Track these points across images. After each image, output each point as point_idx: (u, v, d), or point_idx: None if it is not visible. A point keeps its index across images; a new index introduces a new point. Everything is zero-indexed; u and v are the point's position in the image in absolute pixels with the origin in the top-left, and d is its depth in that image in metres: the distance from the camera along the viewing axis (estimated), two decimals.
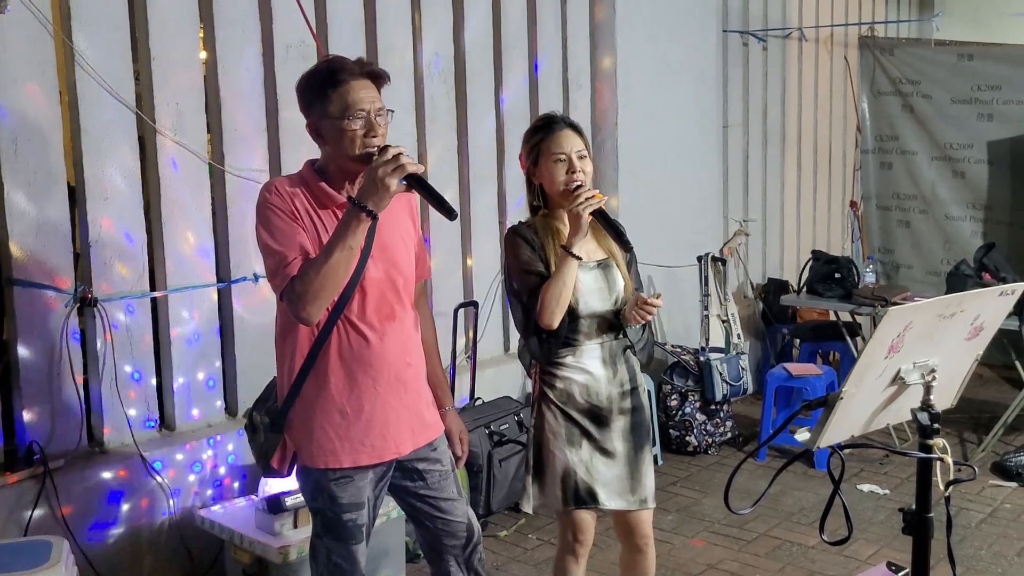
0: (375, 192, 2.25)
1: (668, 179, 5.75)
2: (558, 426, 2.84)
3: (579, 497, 2.82)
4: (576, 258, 2.73)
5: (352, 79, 2.39)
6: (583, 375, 2.84)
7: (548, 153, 2.78)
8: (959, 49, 7.04)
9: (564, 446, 2.82)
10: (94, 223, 3.51)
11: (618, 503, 2.86)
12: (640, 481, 2.88)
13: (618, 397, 2.87)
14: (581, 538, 2.90)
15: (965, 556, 4.03)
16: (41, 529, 3.25)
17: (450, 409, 2.79)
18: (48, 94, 3.34)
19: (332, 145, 2.42)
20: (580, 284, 2.78)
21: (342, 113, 2.37)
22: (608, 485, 2.84)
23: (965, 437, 5.50)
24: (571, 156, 2.76)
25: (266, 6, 3.95)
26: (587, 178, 2.78)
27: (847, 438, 2.03)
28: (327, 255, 2.28)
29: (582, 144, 2.80)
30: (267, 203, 2.40)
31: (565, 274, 2.72)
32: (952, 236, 7.25)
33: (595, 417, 2.85)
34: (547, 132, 2.81)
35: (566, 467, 2.82)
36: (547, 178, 2.80)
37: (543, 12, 5.16)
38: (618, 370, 2.88)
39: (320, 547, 2.55)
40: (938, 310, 1.91)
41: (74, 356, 3.45)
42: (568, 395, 2.84)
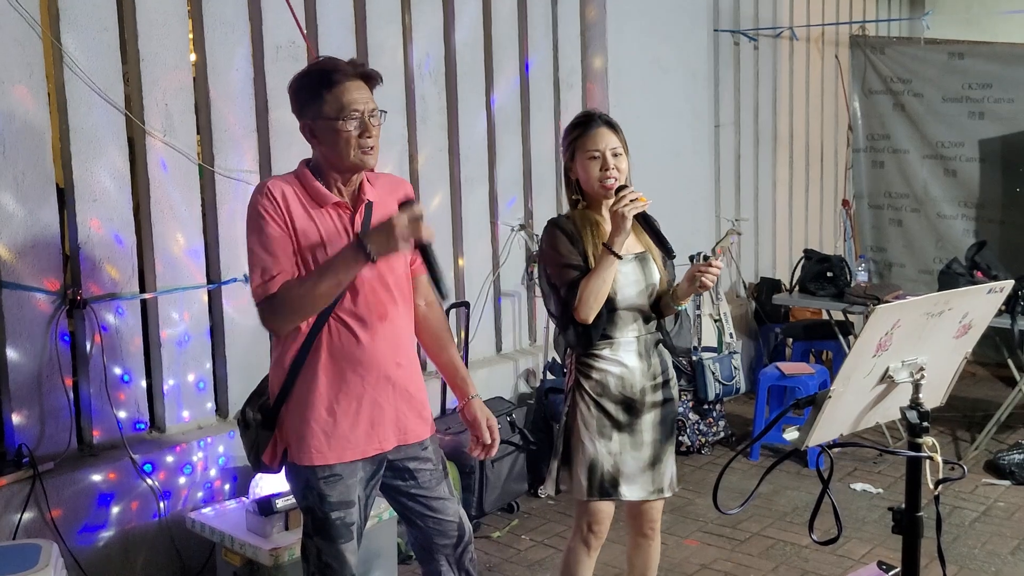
0: (384, 244, 2.28)
1: (659, 179, 5.73)
2: (590, 417, 2.89)
3: (604, 489, 2.89)
4: (618, 257, 2.78)
5: (346, 80, 2.40)
6: (619, 367, 2.90)
7: (584, 150, 2.84)
8: (950, 48, 7.05)
9: (595, 437, 2.89)
10: (83, 225, 3.49)
11: (638, 494, 2.93)
12: (661, 471, 2.96)
13: (651, 390, 2.94)
14: (596, 529, 2.95)
15: (959, 555, 4.03)
16: (30, 532, 3.24)
17: (475, 397, 2.76)
18: (36, 95, 3.33)
19: (327, 146, 2.42)
20: (619, 276, 2.84)
21: (337, 114, 2.37)
22: (632, 478, 2.91)
23: (958, 435, 5.50)
24: (605, 153, 2.82)
25: (256, 7, 3.94)
26: (622, 175, 2.85)
27: (836, 437, 2.03)
28: (316, 282, 2.32)
29: (618, 141, 2.85)
30: (260, 206, 2.40)
31: (605, 271, 2.79)
32: (944, 234, 7.27)
33: (628, 408, 2.91)
34: (584, 129, 2.86)
35: (594, 458, 2.88)
36: (583, 174, 2.87)
37: (534, 12, 5.15)
38: (652, 363, 2.95)
39: (311, 547, 2.55)
40: (926, 308, 1.91)
41: (63, 358, 3.44)
42: (604, 387, 2.89)
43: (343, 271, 2.31)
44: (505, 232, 5.07)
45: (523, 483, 4.54)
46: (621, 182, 2.85)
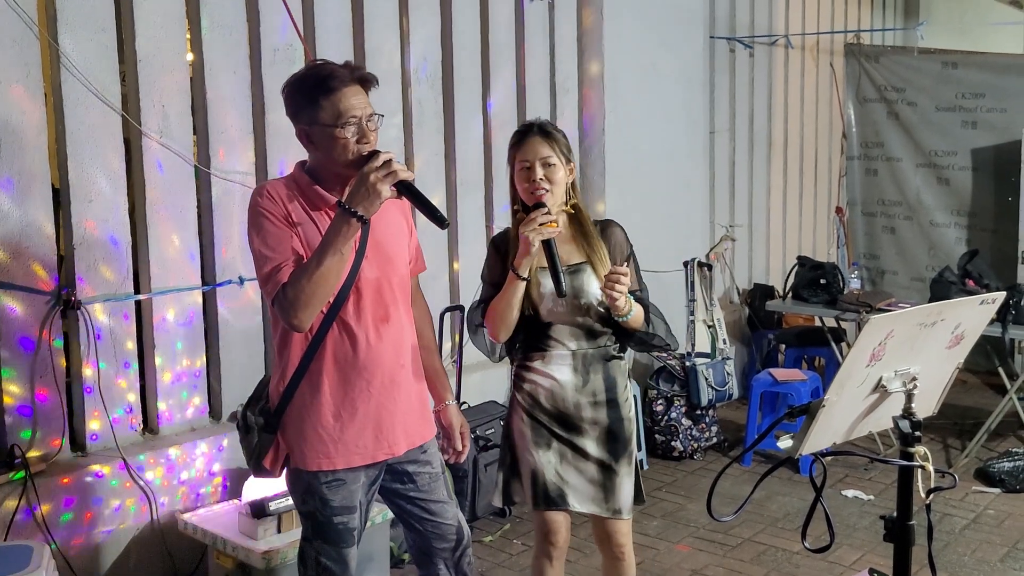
0: (365, 197, 2.24)
1: (655, 184, 5.77)
2: (524, 427, 2.85)
3: (549, 498, 2.83)
4: (522, 279, 2.70)
5: (343, 86, 2.37)
6: (549, 381, 2.83)
7: (518, 161, 2.78)
8: (943, 57, 7.10)
9: (532, 447, 2.83)
10: (78, 225, 3.49)
11: (590, 507, 2.85)
12: (614, 492, 2.85)
13: (589, 406, 2.84)
14: (553, 539, 2.89)
15: (949, 562, 4.05)
16: (22, 534, 3.23)
17: (450, 403, 2.79)
18: (33, 95, 3.33)
19: (324, 152, 2.40)
20: (543, 290, 2.75)
21: (334, 120, 2.35)
22: (579, 489, 2.84)
23: (949, 443, 5.53)
24: (535, 164, 2.73)
25: (253, 9, 3.94)
26: (557, 186, 2.74)
27: (829, 445, 2.04)
28: (318, 261, 2.28)
29: (550, 151, 2.73)
30: (259, 207, 2.39)
31: (509, 294, 2.71)
32: (937, 242, 7.30)
33: (564, 422, 2.83)
34: (518, 139, 2.80)
35: (534, 468, 2.83)
36: (518, 185, 2.80)
37: (531, 17, 5.17)
38: (590, 379, 2.83)
39: (309, 550, 2.54)
40: (919, 319, 1.92)
41: (57, 359, 3.43)
42: (534, 399, 2.84)
43: (340, 241, 2.26)
44: None
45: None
46: (556, 193, 2.75)
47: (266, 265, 2.35)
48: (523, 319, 2.79)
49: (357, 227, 2.27)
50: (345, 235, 2.26)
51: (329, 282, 2.31)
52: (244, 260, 3.88)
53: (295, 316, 2.31)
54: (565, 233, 2.82)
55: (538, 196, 2.72)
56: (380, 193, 2.24)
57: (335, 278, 2.32)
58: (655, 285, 5.66)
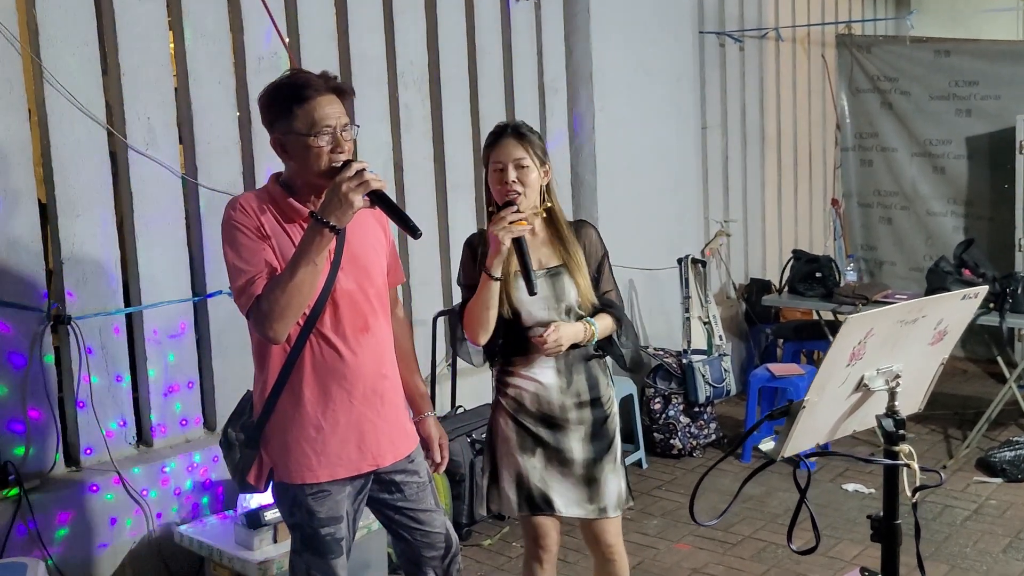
0: (338, 207, 2.23)
1: (647, 182, 5.76)
2: (509, 432, 2.83)
3: (534, 503, 2.81)
4: (495, 279, 2.69)
5: (317, 95, 2.36)
6: (533, 384, 2.81)
7: (492, 162, 2.76)
8: (936, 46, 7.07)
9: (516, 452, 2.81)
10: (66, 240, 3.49)
11: (575, 511, 2.84)
12: (599, 491, 2.84)
13: (574, 407, 2.83)
14: (542, 543, 2.88)
15: (950, 554, 4.03)
16: (17, 550, 3.23)
17: (429, 415, 2.78)
18: (16, 111, 3.32)
19: (298, 161, 2.40)
20: (522, 294, 2.73)
21: (308, 130, 2.34)
22: (564, 493, 2.82)
23: (950, 433, 5.50)
24: (507, 165, 2.71)
25: (236, 17, 3.93)
26: (530, 189, 2.72)
27: (813, 446, 2.03)
28: (292, 272, 2.27)
29: (523, 152, 2.71)
30: (232, 220, 2.38)
31: (484, 295, 2.70)
32: (934, 232, 7.28)
33: (549, 424, 2.82)
34: (492, 140, 2.79)
35: (519, 473, 2.81)
36: (491, 186, 2.78)
37: (517, 18, 5.15)
38: (574, 380, 2.83)
39: (299, 563, 2.54)
40: (899, 316, 1.91)
41: (48, 374, 3.43)
42: (519, 403, 2.83)
43: (314, 252, 2.25)
44: None
45: None
46: (530, 196, 2.73)
47: (240, 278, 2.34)
48: (503, 323, 2.78)
49: (330, 238, 2.26)
50: (318, 246, 2.25)
51: (303, 293, 2.29)
52: None
53: (270, 328, 2.30)
54: (541, 236, 2.82)
55: (510, 199, 2.70)
56: (352, 203, 2.23)
57: (309, 289, 2.31)
58: (649, 283, 5.71)
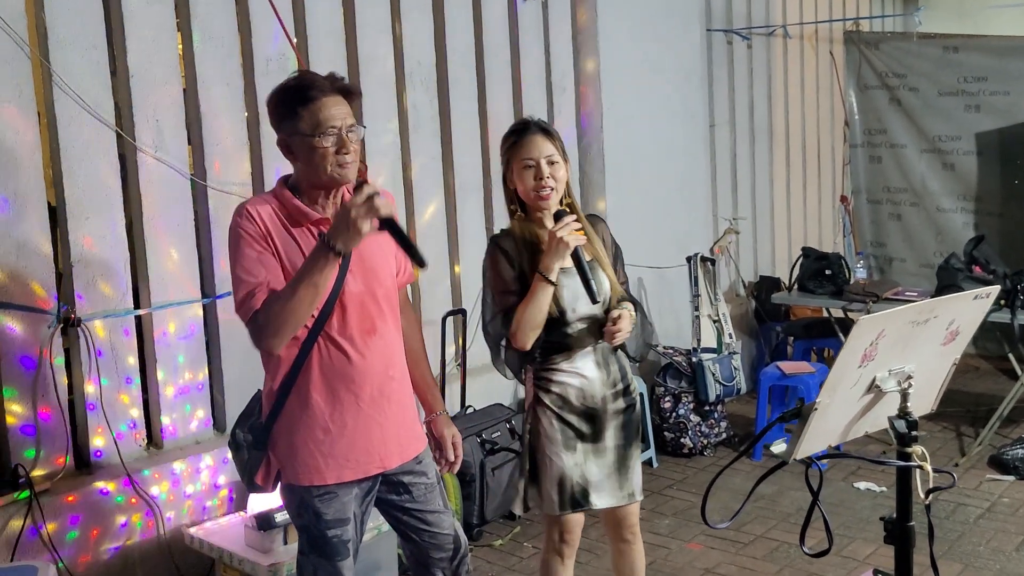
0: (345, 232, 2.23)
1: (655, 180, 5.74)
2: (554, 431, 2.85)
3: (575, 501, 2.86)
4: (551, 283, 2.71)
5: (323, 96, 2.36)
6: (578, 379, 2.85)
7: (519, 159, 2.78)
8: (944, 42, 7.04)
9: (560, 451, 2.84)
10: (76, 243, 3.49)
11: (608, 502, 2.90)
12: (628, 476, 2.92)
13: (611, 398, 2.90)
14: (568, 538, 2.92)
15: (963, 552, 4.01)
16: (28, 553, 3.24)
17: (441, 414, 2.78)
18: (26, 115, 3.33)
19: (303, 162, 2.40)
20: (566, 291, 2.78)
21: (313, 130, 2.34)
22: (599, 486, 2.87)
23: (962, 431, 5.48)
24: (540, 162, 2.75)
25: (245, 19, 3.93)
26: (559, 184, 2.78)
27: (825, 448, 2.02)
28: (292, 291, 2.27)
29: (553, 149, 2.77)
30: (238, 227, 2.39)
31: (539, 299, 2.72)
32: (944, 228, 7.25)
33: (590, 418, 2.87)
34: (518, 137, 2.81)
35: (563, 473, 2.83)
36: (519, 184, 2.81)
37: (525, 17, 5.14)
38: (611, 371, 2.90)
39: (307, 565, 2.54)
40: (911, 317, 1.89)
41: (59, 376, 3.44)
42: (564, 399, 2.85)
43: (317, 274, 2.26)
44: None
45: None
46: (559, 191, 2.78)
47: (241, 289, 2.35)
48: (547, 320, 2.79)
49: (335, 262, 2.26)
50: (321, 268, 2.26)
51: (301, 312, 2.30)
52: None
53: (266, 341, 2.33)
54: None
55: (544, 196, 2.75)
56: (360, 230, 2.22)
57: (308, 308, 2.31)
58: (658, 281, 5.70)
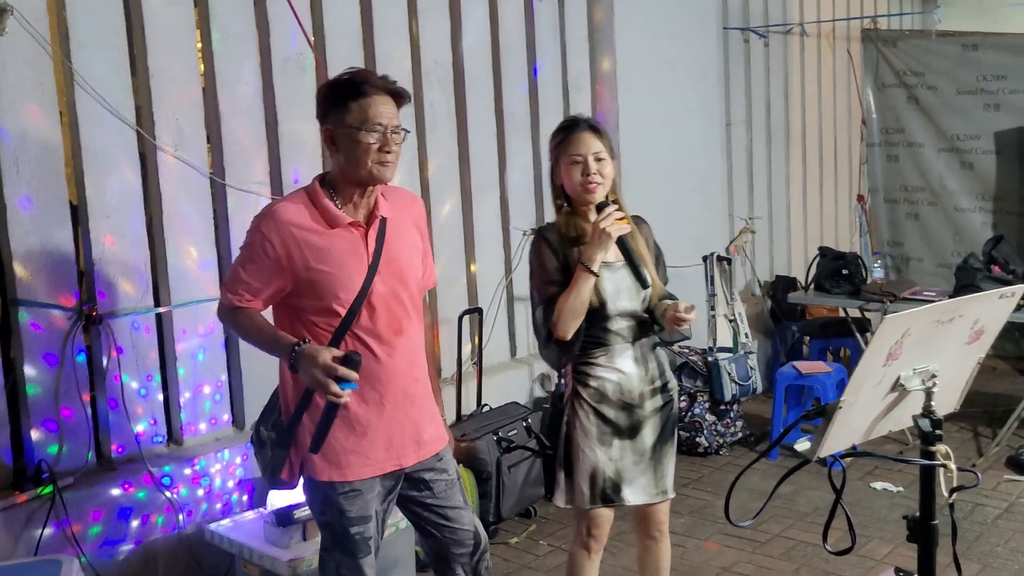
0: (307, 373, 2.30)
1: (671, 179, 5.74)
2: (590, 425, 2.88)
3: (605, 495, 2.88)
4: (593, 275, 2.76)
5: (374, 93, 2.41)
6: (616, 374, 2.88)
7: (567, 155, 2.83)
8: (963, 39, 7.00)
9: (595, 445, 2.87)
10: (97, 241, 3.52)
11: (641, 498, 2.92)
12: (663, 474, 2.95)
13: (649, 394, 2.92)
14: (596, 533, 2.94)
15: (982, 553, 4.00)
16: (51, 548, 3.26)
17: (442, 418, 2.79)
18: (48, 114, 3.35)
19: (345, 155, 2.43)
20: (608, 284, 2.82)
21: (360, 124, 2.39)
22: (634, 482, 2.90)
23: (979, 431, 5.46)
24: (588, 158, 2.80)
25: (263, 19, 3.95)
26: (607, 180, 2.83)
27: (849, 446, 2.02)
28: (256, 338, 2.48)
29: (601, 146, 2.82)
30: (259, 229, 2.44)
31: (581, 289, 2.77)
32: (962, 228, 7.21)
33: (628, 414, 2.89)
34: (567, 134, 2.86)
35: (595, 467, 2.86)
36: (566, 180, 2.86)
37: (541, 16, 5.15)
38: (649, 367, 2.93)
39: (329, 561, 2.56)
40: (936, 316, 1.89)
41: (80, 374, 3.46)
42: (602, 394, 2.88)
43: (275, 352, 2.43)
44: (516, 237, 5.07)
45: (540, 488, 4.51)
46: (606, 187, 2.83)
47: (235, 282, 2.48)
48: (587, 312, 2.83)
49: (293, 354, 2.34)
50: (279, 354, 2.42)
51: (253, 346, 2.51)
52: None
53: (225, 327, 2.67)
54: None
55: (590, 190, 2.80)
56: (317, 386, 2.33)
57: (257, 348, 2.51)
58: (674, 280, 5.64)
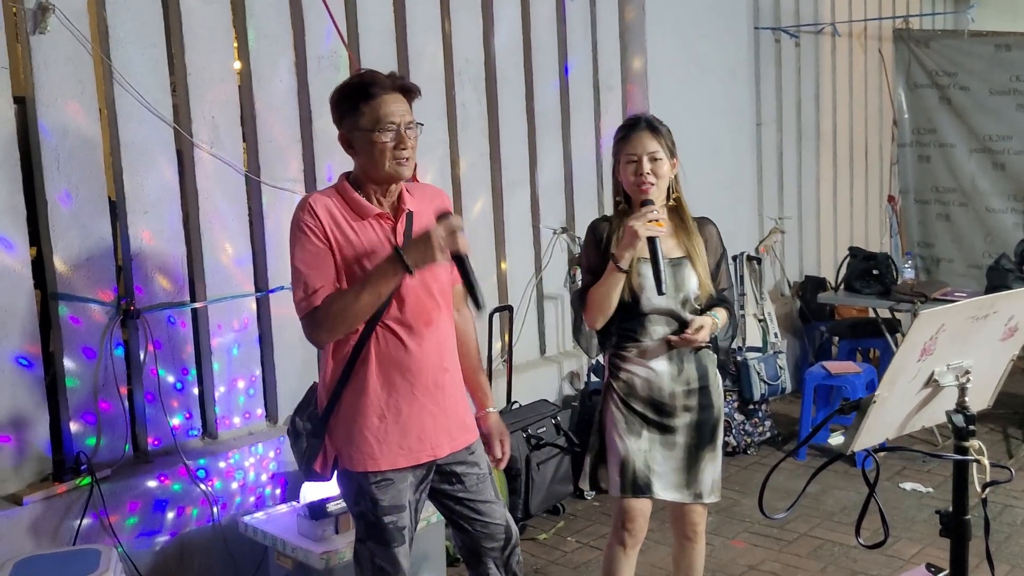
0: (421, 254, 2.34)
1: (701, 178, 5.69)
2: (619, 415, 2.92)
3: (636, 486, 2.90)
4: (622, 271, 2.79)
5: (384, 93, 2.45)
6: (645, 370, 2.90)
7: (624, 153, 2.88)
8: (996, 39, 6.93)
9: (625, 434, 2.90)
10: (135, 236, 3.57)
11: (673, 495, 2.93)
12: (696, 477, 2.94)
13: (683, 395, 2.92)
14: (631, 527, 2.95)
15: (1011, 554, 3.98)
16: (89, 538, 3.32)
17: (491, 411, 2.83)
18: (88, 111, 3.41)
19: (363, 156, 2.48)
20: (644, 281, 2.84)
21: (373, 126, 2.43)
22: (664, 476, 2.91)
23: (1009, 433, 5.42)
24: (642, 158, 2.83)
25: (298, 18, 4.00)
26: (662, 180, 2.86)
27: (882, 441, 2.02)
28: (356, 297, 2.38)
29: (657, 145, 2.85)
30: (300, 222, 2.45)
31: (608, 282, 2.82)
32: (993, 229, 7.15)
33: (658, 410, 2.91)
34: (625, 132, 2.90)
35: (625, 456, 2.89)
36: (624, 178, 2.90)
37: (572, 15, 5.17)
38: (684, 368, 2.93)
39: (363, 552, 2.60)
40: (970, 312, 1.89)
41: (118, 367, 3.52)
42: (630, 387, 2.91)
43: (383, 284, 2.37)
44: (547, 235, 5.09)
45: (568, 485, 4.55)
46: (661, 187, 2.87)
47: (302, 284, 2.44)
48: (621, 306, 2.87)
49: (402, 276, 2.36)
50: (388, 279, 2.37)
51: (359, 317, 2.42)
52: None
53: (318, 337, 2.46)
54: (667, 226, 2.91)
55: (644, 190, 2.83)
56: (435, 256, 2.34)
57: (367, 314, 2.42)
58: None
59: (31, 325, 3.31)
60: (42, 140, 3.31)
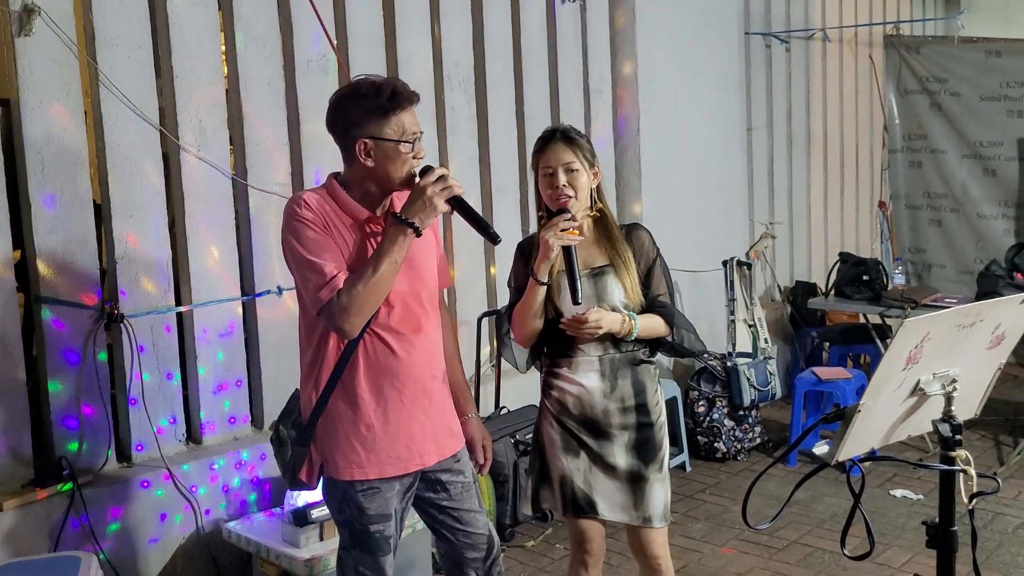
0: (422, 210, 2.33)
1: (692, 183, 5.73)
2: (555, 434, 2.83)
3: (578, 506, 2.81)
4: (541, 284, 2.71)
5: (409, 104, 2.43)
6: (576, 387, 2.81)
7: (540, 167, 2.78)
8: (987, 46, 6.96)
9: (561, 454, 2.81)
10: (120, 240, 3.55)
11: (619, 516, 2.82)
12: (643, 499, 2.80)
13: (617, 412, 2.81)
14: (586, 547, 2.87)
15: (1001, 563, 3.97)
16: (70, 544, 3.29)
17: (473, 416, 2.79)
18: (74, 114, 3.39)
19: (379, 165, 2.41)
20: (565, 293, 2.72)
21: (399, 136, 2.39)
22: (608, 497, 2.80)
23: (1000, 440, 5.42)
24: (557, 170, 2.73)
25: (286, 21, 3.98)
26: (580, 191, 2.74)
27: (867, 450, 2.01)
28: (375, 268, 2.33)
29: (572, 156, 2.73)
30: (297, 216, 2.41)
31: (530, 299, 2.74)
32: (984, 235, 7.17)
33: (592, 429, 2.81)
34: (541, 145, 2.80)
35: (563, 474, 2.81)
36: (542, 191, 2.80)
37: (562, 19, 5.15)
38: (618, 384, 2.80)
39: (347, 560, 2.57)
40: (956, 320, 1.88)
41: (101, 372, 3.49)
42: (562, 405, 2.82)
43: (395, 251, 2.33)
44: None
45: None
46: (582, 199, 2.74)
47: (318, 271, 2.36)
48: (549, 324, 2.80)
49: (412, 237, 2.34)
50: (400, 244, 2.34)
51: (383, 289, 2.36)
52: (282, 270, 3.90)
53: (347, 322, 2.33)
54: (590, 236, 2.82)
55: (562, 203, 2.72)
56: (436, 207, 2.33)
57: (387, 286, 2.37)
58: (694, 285, 5.68)
59: (14, 329, 3.28)
60: (27, 143, 3.28)
